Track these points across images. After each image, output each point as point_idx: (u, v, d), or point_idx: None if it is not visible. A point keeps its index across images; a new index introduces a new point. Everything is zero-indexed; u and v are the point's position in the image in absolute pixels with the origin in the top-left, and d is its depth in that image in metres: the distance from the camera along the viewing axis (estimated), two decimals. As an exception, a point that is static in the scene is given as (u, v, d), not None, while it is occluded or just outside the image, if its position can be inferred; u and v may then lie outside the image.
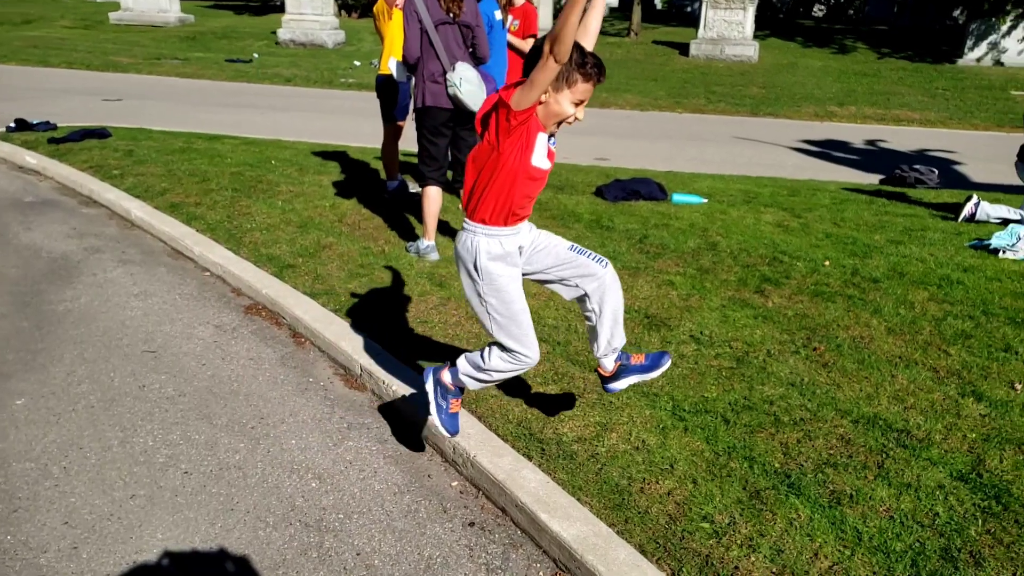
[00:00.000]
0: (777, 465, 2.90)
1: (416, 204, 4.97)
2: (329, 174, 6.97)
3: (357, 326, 4.01)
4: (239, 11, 24.33)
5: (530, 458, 2.95)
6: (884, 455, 2.96)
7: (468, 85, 4.35)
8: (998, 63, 16.17)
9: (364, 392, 3.62)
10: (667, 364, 2.81)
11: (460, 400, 2.90)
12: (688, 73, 15.59)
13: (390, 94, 5.71)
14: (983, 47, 16.40)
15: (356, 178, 6.89)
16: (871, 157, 9.61)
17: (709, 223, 5.86)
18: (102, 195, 6.20)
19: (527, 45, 5.84)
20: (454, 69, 4.34)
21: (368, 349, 3.76)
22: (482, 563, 2.58)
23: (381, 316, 4.13)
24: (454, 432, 2.86)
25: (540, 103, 2.38)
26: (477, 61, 4.59)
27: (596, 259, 2.71)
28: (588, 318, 2.80)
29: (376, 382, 3.54)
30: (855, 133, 11.06)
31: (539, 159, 2.50)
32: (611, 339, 2.78)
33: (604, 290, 2.70)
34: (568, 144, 9.34)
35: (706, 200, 6.59)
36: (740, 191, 7.09)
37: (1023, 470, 2.86)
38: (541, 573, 2.55)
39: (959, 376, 3.56)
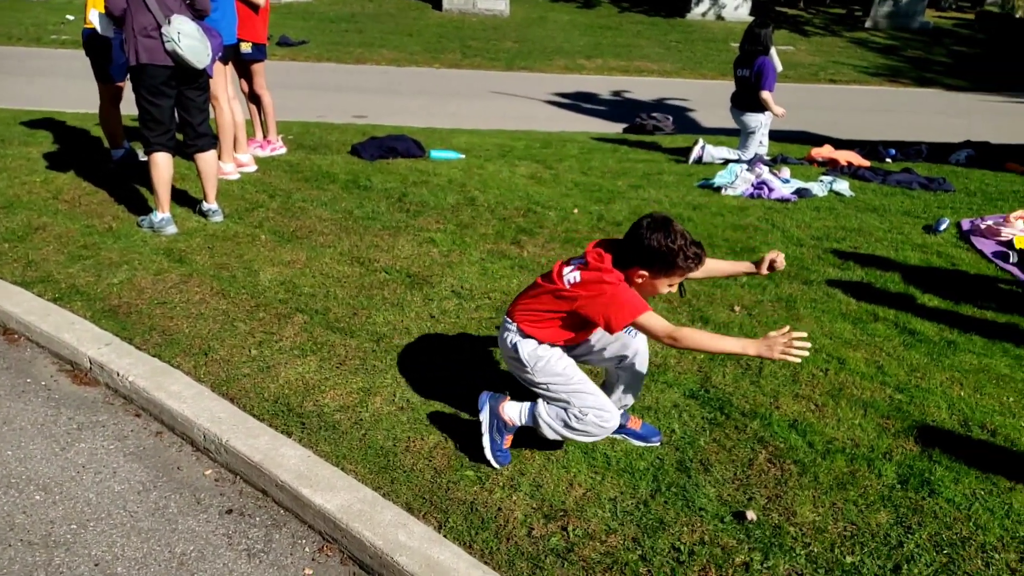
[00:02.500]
0: (534, 406, 3.02)
1: (147, 173, 4.48)
2: (39, 145, 6.11)
3: (82, 315, 3.56)
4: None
5: (289, 434, 2.82)
6: (628, 384, 3.19)
7: (188, 40, 3.94)
8: (719, 18, 17.89)
9: (96, 387, 3.24)
10: (656, 443, 2.80)
11: (513, 437, 2.71)
12: (442, 28, 15.58)
13: (101, 51, 5.04)
14: (706, 3, 18.03)
15: (74, 148, 6.10)
16: (616, 107, 10.26)
17: (467, 178, 5.93)
18: None
19: (261, -2, 5.44)
20: (169, 23, 3.91)
21: (97, 339, 3.36)
22: (243, 549, 2.44)
23: (112, 301, 3.71)
24: (505, 463, 2.68)
25: (636, 283, 2.43)
26: (197, 14, 4.15)
27: (632, 333, 2.71)
28: (607, 377, 2.84)
29: (109, 375, 3.18)
30: (602, 84, 11.73)
31: None
32: (621, 397, 2.80)
33: (633, 361, 2.71)
34: (322, 102, 8.99)
35: (463, 155, 6.66)
36: (496, 145, 7.25)
37: (741, 382, 3.23)
38: (307, 548, 2.46)
39: (690, 304, 3.93)
